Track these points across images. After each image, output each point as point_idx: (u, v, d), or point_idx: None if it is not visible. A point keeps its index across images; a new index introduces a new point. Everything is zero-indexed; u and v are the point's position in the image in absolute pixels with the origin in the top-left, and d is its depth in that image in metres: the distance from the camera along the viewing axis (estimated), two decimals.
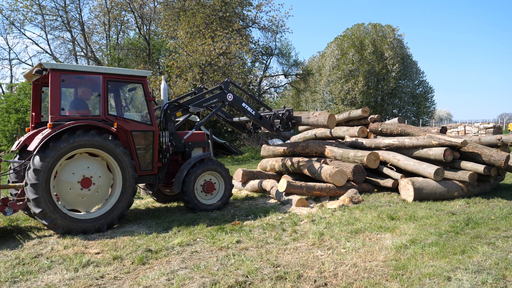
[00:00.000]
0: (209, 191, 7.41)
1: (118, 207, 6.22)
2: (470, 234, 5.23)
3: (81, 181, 5.98)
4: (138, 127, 6.69)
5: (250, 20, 32.10)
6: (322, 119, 8.34)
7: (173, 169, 7.57)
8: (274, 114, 8.79)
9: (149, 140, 6.75)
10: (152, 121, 6.81)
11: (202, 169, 7.20)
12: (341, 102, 42.64)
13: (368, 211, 6.66)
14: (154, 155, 6.84)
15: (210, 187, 7.41)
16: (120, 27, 30.32)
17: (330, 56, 44.73)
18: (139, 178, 6.74)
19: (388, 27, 44.18)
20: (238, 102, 8.30)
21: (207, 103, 7.93)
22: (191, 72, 23.12)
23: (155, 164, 6.89)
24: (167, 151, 7.06)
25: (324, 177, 8.10)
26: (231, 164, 19.10)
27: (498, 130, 20.22)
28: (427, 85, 46.93)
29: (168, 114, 7.34)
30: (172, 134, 7.30)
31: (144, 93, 6.87)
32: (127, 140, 6.52)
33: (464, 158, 7.96)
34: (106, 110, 6.32)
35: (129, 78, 6.77)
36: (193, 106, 7.68)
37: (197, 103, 7.75)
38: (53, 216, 5.63)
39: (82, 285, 3.91)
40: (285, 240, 5.28)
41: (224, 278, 3.92)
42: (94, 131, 5.96)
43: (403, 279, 3.80)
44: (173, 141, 7.28)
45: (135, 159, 6.59)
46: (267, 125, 8.77)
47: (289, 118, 8.83)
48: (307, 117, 8.73)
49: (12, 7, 25.92)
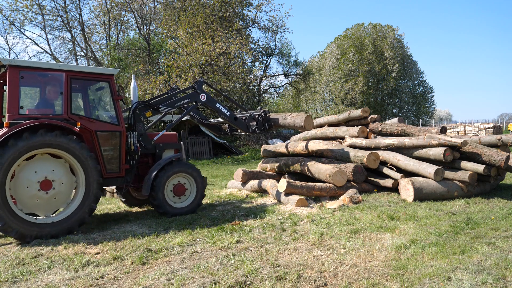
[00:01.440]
0: (180, 194, 7.10)
1: (80, 213, 5.87)
2: (470, 234, 5.23)
3: (40, 184, 5.61)
4: (104, 127, 6.34)
5: (250, 20, 32.12)
6: (299, 120, 8.07)
7: (143, 171, 7.30)
8: (250, 116, 8.59)
9: (115, 141, 6.42)
10: (119, 121, 6.47)
11: (172, 171, 6.91)
12: (341, 102, 42.65)
13: (368, 211, 6.66)
14: (121, 156, 6.50)
15: (181, 190, 7.10)
16: (120, 27, 30.33)
17: (330, 56, 44.75)
18: (105, 181, 6.41)
19: (388, 27, 44.21)
20: (211, 102, 8.07)
21: (179, 103, 7.65)
22: (191, 72, 23.13)
23: (122, 166, 6.54)
24: (136, 153, 6.74)
25: (324, 177, 8.10)
26: (231, 164, 19.11)
27: (498, 130, 20.24)
28: (427, 85, 46.97)
29: (137, 114, 7.05)
30: (141, 135, 7.00)
31: (111, 92, 6.53)
32: (92, 141, 6.17)
33: (464, 158, 7.96)
34: (69, 109, 5.96)
35: (94, 76, 6.42)
36: (164, 106, 7.42)
37: (168, 103, 7.49)
38: (6, 219, 5.25)
39: (82, 285, 3.91)
40: (285, 240, 5.28)
41: (224, 278, 3.92)
42: (55, 131, 5.63)
43: (403, 279, 3.80)
44: (142, 142, 6.97)
45: (101, 160, 6.24)
46: (243, 126, 8.53)
47: (265, 120, 8.60)
48: (284, 118, 8.48)
49: (12, 7, 25.95)
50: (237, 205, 7.96)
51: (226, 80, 23.66)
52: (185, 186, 7.17)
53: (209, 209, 7.66)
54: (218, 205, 8.10)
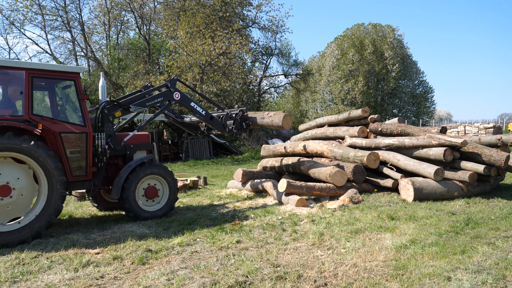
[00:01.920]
0: (151, 197, 6.84)
1: (45, 216, 5.59)
2: (470, 234, 5.23)
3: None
4: (68, 129, 6.01)
5: (250, 20, 32.12)
6: (277, 120, 7.87)
7: (113, 174, 6.98)
8: (227, 115, 8.41)
9: (81, 143, 6.10)
10: (85, 121, 6.17)
11: (143, 173, 6.65)
12: (341, 102, 42.63)
13: (368, 211, 6.66)
14: (87, 159, 6.19)
15: (153, 193, 6.84)
16: (120, 27, 30.33)
17: (330, 56, 44.73)
18: (71, 185, 6.14)
19: (388, 27, 44.18)
20: (186, 101, 7.81)
21: (151, 102, 7.36)
22: (191, 72, 23.12)
23: (89, 169, 6.24)
24: (104, 155, 6.45)
25: (324, 177, 8.10)
26: (231, 164, 19.11)
27: (498, 130, 20.24)
28: (427, 85, 46.94)
29: (106, 114, 6.72)
30: (110, 136, 6.69)
31: (77, 91, 6.21)
32: (55, 143, 5.85)
33: (464, 158, 7.96)
34: (30, 110, 5.63)
35: (58, 75, 6.08)
36: (134, 106, 7.09)
37: (139, 103, 7.17)
38: None
39: (82, 285, 3.91)
40: (285, 240, 5.28)
41: (224, 278, 3.92)
42: (12, 133, 5.30)
43: (403, 279, 3.80)
44: (111, 144, 6.67)
45: (65, 163, 5.94)
46: (219, 126, 8.32)
47: (243, 119, 8.38)
48: (261, 118, 8.26)
49: (12, 7, 25.94)
50: (237, 205, 7.96)
51: (226, 80, 23.65)
52: (157, 189, 6.92)
53: (209, 209, 7.66)
54: (218, 205, 8.10)
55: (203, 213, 7.25)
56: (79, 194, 9.14)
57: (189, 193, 9.83)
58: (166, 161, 21.50)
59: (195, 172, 15.70)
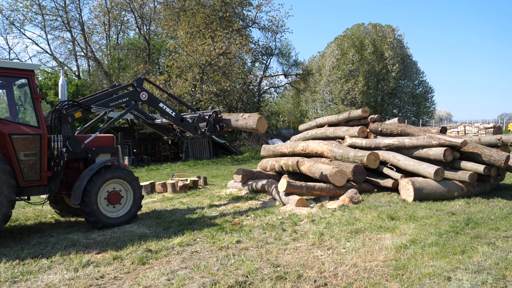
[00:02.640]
0: (114, 202, 6.42)
1: None
2: (470, 234, 5.23)
3: None
4: (19, 130, 5.60)
5: (250, 20, 32.13)
6: (251, 123, 7.64)
7: (74, 178, 6.52)
8: (199, 116, 8.13)
9: (35, 145, 5.68)
10: (40, 123, 5.75)
11: (106, 177, 6.24)
12: (341, 102, 42.65)
13: (368, 211, 6.66)
14: (42, 162, 5.77)
15: (116, 198, 6.43)
16: (120, 27, 30.35)
17: (330, 56, 44.76)
18: (24, 190, 5.72)
19: (388, 27, 44.21)
20: (154, 102, 7.50)
21: (115, 102, 6.94)
22: (191, 72, 23.14)
23: (43, 174, 5.82)
24: (61, 158, 6.03)
25: (324, 177, 8.10)
26: (231, 164, 19.11)
27: (498, 130, 20.26)
28: (427, 85, 46.98)
29: (64, 114, 6.23)
30: (69, 138, 6.22)
31: (30, 90, 5.84)
32: (5, 145, 5.47)
33: (464, 158, 7.96)
34: None
35: (9, 72, 5.70)
36: (96, 106, 6.65)
37: (102, 103, 6.75)
38: None
39: (82, 285, 3.91)
40: (285, 240, 5.28)
41: (224, 278, 3.92)
42: None
43: (403, 279, 3.80)
44: (69, 146, 6.19)
45: (16, 167, 5.54)
46: (190, 128, 8.00)
47: (217, 121, 8.14)
48: (236, 120, 8.04)
49: (12, 7, 25.97)
50: (237, 205, 7.96)
51: (226, 80, 23.67)
52: (121, 194, 6.53)
53: (209, 209, 7.66)
54: (218, 205, 8.10)
55: (203, 213, 7.25)
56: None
57: (189, 193, 9.83)
58: (166, 161, 21.51)
59: (195, 172, 15.70)
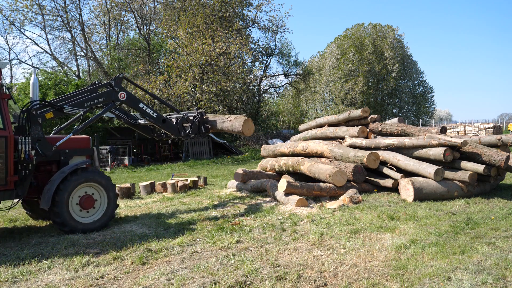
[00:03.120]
0: (87, 207, 6.06)
1: None
2: (470, 234, 5.23)
3: None
4: None
5: (250, 20, 32.13)
6: (237, 125, 7.44)
7: (45, 182, 6.12)
8: (183, 117, 7.84)
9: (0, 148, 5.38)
10: (5, 124, 5.46)
11: (79, 180, 5.91)
12: (341, 102, 42.65)
13: (368, 211, 6.66)
14: (8, 166, 5.45)
15: (89, 202, 6.08)
16: (120, 27, 30.37)
17: (330, 56, 44.76)
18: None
19: (388, 27, 44.21)
20: (133, 102, 7.16)
21: (91, 102, 6.58)
22: (191, 72, 23.14)
23: (9, 178, 5.50)
24: (29, 161, 5.70)
25: (324, 177, 8.10)
26: (231, 164, 19.11)
27: (498, 130, 20.26)
28: (427, 85, 46.98)
29: (34, 115, 5.88)
30: (39, 140, 5.87)
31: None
32: None
33: (464, 158, 7.96)
34: None
35: None
36: (70, 106, 6.28)
37: (76, 103, 6.39)
38: None
39: (82, 285, 3.91)
40: (285, 240, 5.28)
41: (224, 278, 3.92)
42: None
43: (403, 279, 3.80)
44: (39, 149, 5.85)
45: None
46: (173, 129, 7.69)
47: (202, 122, 7.88)
48: (221, 121, 7.80)
49: (12, 7, 25.98)
50: (237, 205, 7.96)
51: (226, 80, 23.67)
52: (94, 198, 6.18)
53: (209, 209, 7.66)
54: (218, 205, 8.10)
55: (203, 213, 7.25)
56: None
57: (189, 193, 9.83)
58: (166, 161, 21.50)
59: (195, 172, 15.70)
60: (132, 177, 14.21)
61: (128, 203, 8.59)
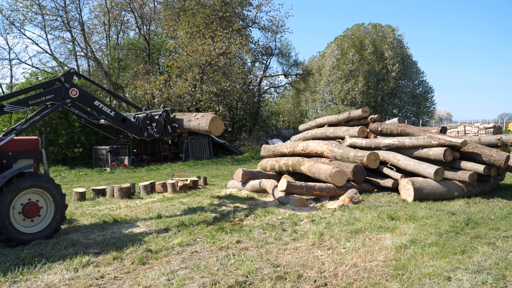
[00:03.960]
0: (32, 215, 5.49)
1: None
2: (470, 234, 5.23)
3: None
4: None
5: (250, 20, 32.13)
6: (203, 124, 6.89)
7: None
8: (147, 116, 7.31)
9: None
10: None
11: (22, 186, 5.35)
12: (341, 102, 42.65)
13: (368, 211, 6.66)
14: None
15: (34, 211, 5.50)
16: (120, 27, 30.35)
17: (330, 56, 44.76)
18: None
19: (388, 27, 44.21)
20: (87, 99, 6.52)
21: (36, 100, 5.95)
22: (191, 72, 23.14)
23: None
24: None
25: (324, 177, 8.10)
26: (231, 164, 19.11)
27: (498, 130, 20.25)
28: (427, 85, 46.98)
29: None
30: None
31: None
32: None
33: (464, 158, 7.96)
34: None
35: None
36: (11, 105, 5.73)
37: (19, 101, 5.83)
38: None
39: (82, 285, 3.91)
40: (285, 240, 5.28)
41: (224, 278, 3.92)
42: None
43: (403, 279, 3.80)
44: None
45: None
46: (134, 129, 7.13)
47: (168, 121, 7.33)
48: (188, 120, 7.28)
49: (12, 7, 25.98)
50: (237, 205, 7.96)
51: (226, 80, 23.66)
52: (39, 205, 5.60)
53: (209, 209, 7.66)
54: (218, 205, 8.10)
55: (203, 213, 7.25)
56: (79, 195, 9.14)
57: (189, 193, 9.83)
58: (166, 161, 21.51)
59: (195, 172, 15.70)
60: (132, 177, 14.22)
61: (128, 203, 8.60)
